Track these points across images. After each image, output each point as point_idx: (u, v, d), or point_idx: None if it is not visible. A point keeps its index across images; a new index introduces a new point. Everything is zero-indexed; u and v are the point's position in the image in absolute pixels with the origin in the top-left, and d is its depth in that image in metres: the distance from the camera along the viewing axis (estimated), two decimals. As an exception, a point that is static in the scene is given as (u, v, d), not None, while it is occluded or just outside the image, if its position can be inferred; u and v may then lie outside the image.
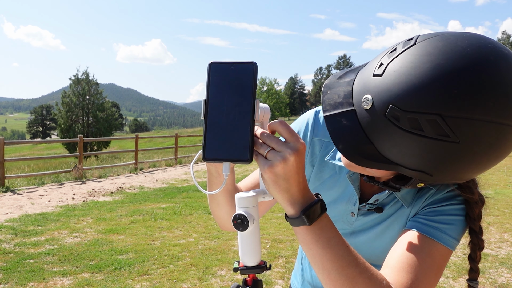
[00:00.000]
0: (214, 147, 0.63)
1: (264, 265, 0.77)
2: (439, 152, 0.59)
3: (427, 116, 0.57)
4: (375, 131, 0.62)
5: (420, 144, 0.59)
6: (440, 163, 0.60)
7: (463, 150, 0.58)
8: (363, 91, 0.64)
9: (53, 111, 48.05)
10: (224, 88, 0.64)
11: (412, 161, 0.62)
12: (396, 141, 0.61)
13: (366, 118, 0.63)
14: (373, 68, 0.65)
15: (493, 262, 3.98)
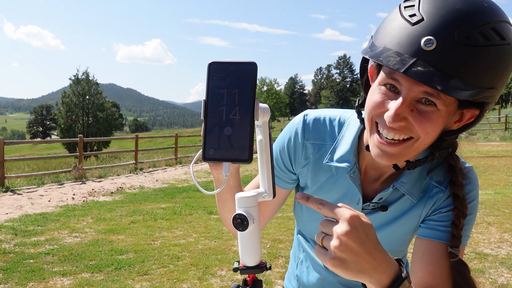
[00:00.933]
0: (214, 147, 0.63)
1: (264, 265, 0.77)
2: (502, 58, 0.63)
3: (487, 26, 0.62)
4: (451, 64, 0.61)
5: (490, 55, 0.62)
6: (502, 70, 0.64)
7: (511, 51, 0.64)
8: (414, 41, 0.63)
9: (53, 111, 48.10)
10: (224, 88, 0.64)
11: (487, 78, 0.63)
12: (472, 62, 0.61)
13: (437, 57, 0.61)
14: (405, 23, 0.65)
15: (493, 262, 3.98)
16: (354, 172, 0.85)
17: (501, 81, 0.65)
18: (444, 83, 0.60)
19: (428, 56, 0.61)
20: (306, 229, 0.98)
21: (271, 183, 0.78)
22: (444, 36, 0.61)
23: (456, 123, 0.72)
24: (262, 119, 0.71)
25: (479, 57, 0.61)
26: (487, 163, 11.55)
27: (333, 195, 0.88)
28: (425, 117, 0.67)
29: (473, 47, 0.61)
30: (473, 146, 18.08)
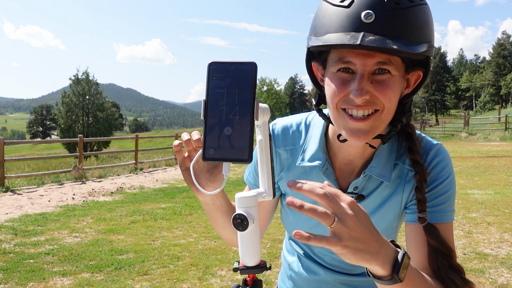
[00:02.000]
0: (214, 147, 0.63)
1: (264, 265, 0.77)
2: (426, 14, 0.71)
3: None
4: (393, 28, 0.67)
5: (419, 13, 0.70)
6: (431, 25, 0.72)
7: (429, 11, 0.73)
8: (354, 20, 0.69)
9: (53, 111, 48.10)
10: (223, 88, 0.64)
11: (425, 34, 0.71)
12: (409, 21, 0.68)
13: (379, 26, 0.67)
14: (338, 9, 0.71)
15: (493, 262, 3.98)
16: (327, 168, 0.87)
17: (433, 36, 0.72)
18: (397, 44, 0.66)
19: (371, 27, 0.67)
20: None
21: (271, 183, 0.78)
22: (378, 6, 0.68)
23: (406, 89, 0.78)
24: (262, 119, 0.71)
25: (411, 16, 0.68)
26: (487, 163, 11.55)
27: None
28: (384, 85, 0.71)
29: (404, 9, 0.68)
30: (473, 146, 18.07)
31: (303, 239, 0.55)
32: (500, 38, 76.33)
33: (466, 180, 8.84)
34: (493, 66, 72.64)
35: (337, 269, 0.98)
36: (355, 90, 0.70)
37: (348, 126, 0.75)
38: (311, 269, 1.01)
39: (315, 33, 0.74)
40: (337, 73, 0.73)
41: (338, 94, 0.73)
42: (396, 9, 0.67)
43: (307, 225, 0.93)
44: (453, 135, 25.29)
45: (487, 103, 56.19)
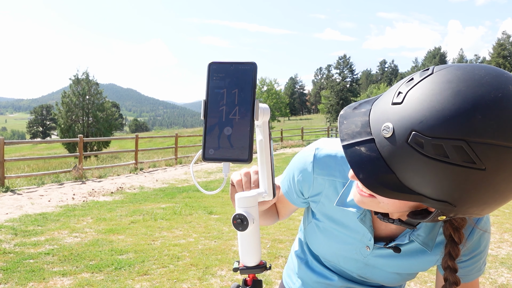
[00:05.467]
0: (214, 147, 0.63)
1: (264, 265, 0.77)
2: (465, 180, 0.56)
3: (452, 142, 0.54)
4: (396, 160, 0.59)
5: (446, 172, 0.56)
6: (465, 192, 0.57)
7: (488, 178, 0.55)
8: (382, 120, 0.62)
9: (53, 111, 48.06)
10: (223, 88, 0.64)
11: (436, 191, 0.58)
12: (419, 169, 0.57)
13: (387, 147, 0.60)
14: (391, 97, 0.63)
15: (493, 262, 3.98)
16: (365, 215, 0.85)
17: (461, 200, 0.58)
18: (372, 175, 0.60)
19: (382, 141, 0.61)
20: (320, 251, 0.99)
21: (271, 183, 0.78)
22: (402, 131, 0.59)
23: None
24: (262, 119, 0.71)
25: (427, 167, 0.57)
26: (487, 163, 11.57)
27: (345, 231, 0.90)
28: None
29: (423, 156, 0.57)
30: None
31: None
32: (500, 38, 76.31)
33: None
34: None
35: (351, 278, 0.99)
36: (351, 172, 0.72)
37: (354, 190, 0.77)
38: (323, 274, 1.02)
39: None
40: None
41: None
42: (414, 148, 0.58)
43: (337, 246, 0.94)
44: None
45: (487, 103, 56.17)
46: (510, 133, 0.54)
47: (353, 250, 0.91)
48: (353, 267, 0.95)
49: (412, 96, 0.60)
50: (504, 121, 0.54)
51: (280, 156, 15.93)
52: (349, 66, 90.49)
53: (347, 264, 0.95)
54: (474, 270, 0.87)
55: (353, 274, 0.98)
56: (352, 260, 0.93)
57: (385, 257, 0.89)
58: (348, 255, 0.93)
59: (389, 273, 0.92)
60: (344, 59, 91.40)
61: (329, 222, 0.91)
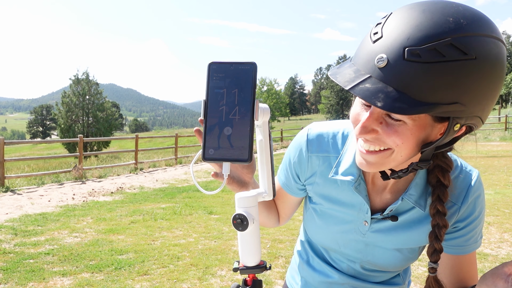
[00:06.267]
0: (213, 147, 0.63)
1: (264, 265, 0.77)
2: (464, 73, 0.61)
3: (442, 42, 0.61)
4: (401, 80, 0.62)
5: (447, 71, 0.61)
6: (467, 86, 0.62)
7: (480, 66, 0.62)
8: (371, 58, 0.66)
9: (53, 111, 48.05)
10: (223, 88, 0.64)
11: (445, 94, 0.62)
12: (425, 78, 0.61)
13: (388, 74, 0.63)
14: (369, 40, 0.68)
15: (493, 262, 3.98)
16: (360, 184, 0.87)
17: (467, 96, 0.63)
18: (388, 100, 0.62)
19: (380, 73, 0.63)
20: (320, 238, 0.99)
21: (271, 183, 0.78)
22: (395, 53, 0.62)
23: (439, 135, 0.72)
24: (262, 119, 0.71)
25: (431, 73, 0.61)
26: (487, 163, 11.55)
27: (342, 206, 0.92)
28: (392, 130, 0.69)
29: (424, 63, 0.61)
30: (473, 146, 18.05)
31: None
32: (500, 38, 76.34)
33: (466, 180, 8.84)
34: (493, 66, 72.67)
35: (352, 274, 0.99)
36: (359, 125, 0.71)
37: (358, 152, 0.77)
38: (324, 271, 1.02)
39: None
40: (358, 103, 0.75)
41: (354, 122, 0.74)
42: (413, 61, 0.61)
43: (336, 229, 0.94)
44: (453, 135, 25.25)
45: (487, 103, 56.13)
46: (483, 23, 0.64)
47: (352, 230, 0.91)
48: (354, 250, 0.94)
49: (389, 27, 0.66)
50: (475, 14, 0.64)
51: (280, 156, 15.93)
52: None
53: (347, 248, 0.94)
54: (471, 241, 0.88)
55: (356, 263, 0.97)
56: (352, 242, 0.93)
57: (384, 231, 0.89)
58: (347, 237, 0.93)
59: (390, 251, 0.91)
60: (344, 59, 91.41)
61: (326, 202, 0.93)
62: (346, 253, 0.96)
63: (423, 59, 0.61)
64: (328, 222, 0.94)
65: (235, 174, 0.81)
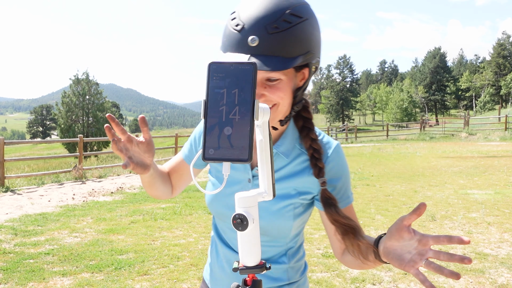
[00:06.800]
0: (213, 147, 0.63)
1: (264, 265, 0.77)
2: (305, 30, 0.86)
3: (287, 11, 0.85)
4: (272, 48, 0.83)
5: (296, 32, 0.85)
6: (310, 38, 0.88)
7: (312, 23, 0.89)
8: (244, 43, 0.84)
9: (53, 111, 48.06)
10: (223, 88, 0.64)
11: (301, 48, 0.86)
12: (285, 41, 0.84)
13: (261, 48, 0.83)
14: (234, 32, 0.86)
15: (493, 262, 3.98)
16: None
17: (312, 44, 0.88)
18: (272, 64, 0.82)
19: (257, 49, 0.83)
20: (213, 205, 1.10)
21: (271, 183, 0.78)
22: (261, 32, 0.83)
23: (301, 81, 0.95)
24: (262, 119, 0.71)
25: (289, 36, 0.84)
26: (487, 163, 11.55)
27: (233, 169, 1.05)
28: (275, 88, 0.89)
29: (282, 31, 0.83)
30: (473, 146, 18.07)
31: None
32: (500, 38, 76.32)
33: (466, 180, 8.84)
34: (493, 66, 72.63)
35: None
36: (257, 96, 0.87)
37: None
38: (227, 256, 1.10)
39: (221, 47, 0.90)
40: None
41: None
42: (275, 32, 0.82)
43: (227, 191, 1.04)
44: (453, 135, 25.29)
45: (487, 103, 56.19)
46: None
47: (240, 189, 1.02)
48: None
49: (245, 16, 0.85)
50: None
51: (280, 156, 15.92)
52: (349, 66, 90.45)
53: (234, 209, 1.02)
54: (345, 195, 1.03)
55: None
56: None
57: None
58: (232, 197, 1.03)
59: (271, 212, 1.00)
60: (344, 59, 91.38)
61: (220, 167, 1.08)
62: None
63: (280, 29, 0.83)
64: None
65: (138, 159, 0.93)
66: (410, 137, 25.62)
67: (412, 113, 65.66)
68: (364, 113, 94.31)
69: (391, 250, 0.83)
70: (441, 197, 7.08)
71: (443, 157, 13.67)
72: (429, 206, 6.33)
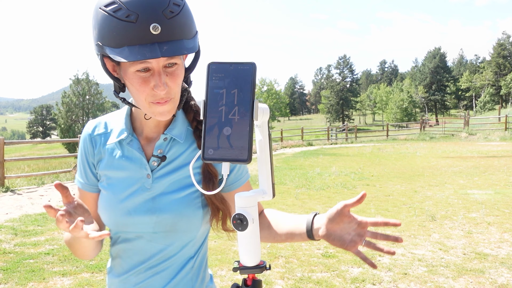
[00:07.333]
0: (213, 147, 0.63)
1: (264, 265, 0.77)
2: (188, 12, 0.87)
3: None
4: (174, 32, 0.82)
5: (186, 13, 0.85)
6: (192, 18, 0.89)
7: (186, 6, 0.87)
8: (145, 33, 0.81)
9: (53, 111, 48.05)
10: (223, 88, 0.64)
11: (193, 27, 0.88)
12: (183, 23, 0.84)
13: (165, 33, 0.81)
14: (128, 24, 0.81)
15: (493, 262, 3.98)
16: (131, 140, 0.99)
17: (194, 25, 0.89)
18: (180, 48, 0.82)
19: (161, 36, 0.81)
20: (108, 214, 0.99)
21: (271, 183, 0.78)
22: (159, 18, 0.80)
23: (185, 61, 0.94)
24: (262, 119, 0.71)
25: (184, 18, 0.83)
26: (487, 163, 11.55)
27: (126, 171, 0.99)
28: (175, 75, 0.87)
29: (177, 15, 0.82)
30: (473, 146, 18.07)
31: None
32: (500, 38, 76.30)
33: (466, 180, 8.84)
34: (493, 66, 72.61)
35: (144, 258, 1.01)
36: (158, 85, 0.84)
37: (157, 111, 0.89)
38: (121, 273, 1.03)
39: (109, 43, 0.82)
40: (136, 73, 0.85)
41: (144, 91, 0.86)
42: (172, 17, 0.81)
43: (124, 194, 0.98)
44: (453, 135, 25.28)
45: (487, 103, 56.19)
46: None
47: (139, 189, 0.97)
48: (144, 211, 0.96)
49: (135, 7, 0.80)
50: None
51: (280, 156, 15.93)
52: (349, 66, 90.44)
53: (138, 212, 0.96)
54: (243, 172, 1.04)
55: (148, 229, 0.97)
56: (141, 203, 0.96)
57: (164, 176, 0.98)
58: (136, 199, 0.96)
59: (178, 201, 0.96)
60: (344, 59, 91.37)
61: (112, 170, 1.00)
62: (137, 221, 0.96)
63: (175, 12, 0.81)
64: (116, 191, 0.98)
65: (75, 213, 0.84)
66: (410, 137, 25.61)
67: (412, 113, 65.67)
68: (364, 113, 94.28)
69: (331, 232, 0.89)
70: (441, 197, 7.08)
71: (443, 157, 13.66)
72: (429, 206, 6.33)
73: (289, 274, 3.73)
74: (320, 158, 14.63)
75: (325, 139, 26.32)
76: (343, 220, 0.87)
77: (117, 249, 1.03)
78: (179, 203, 0.96)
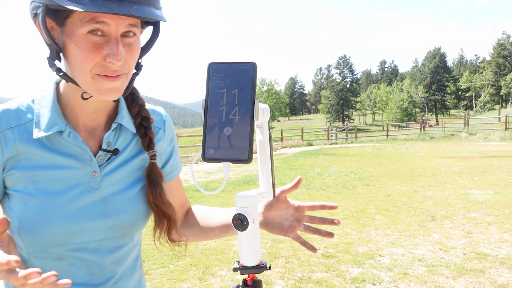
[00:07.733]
0: (213, 147, 0.63)
1: (264, 265, 0.77)
2: None
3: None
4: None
5: None
6: None
7: None
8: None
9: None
10: (223, 88, 0.64)
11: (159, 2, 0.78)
12: None
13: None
14: None
15: (493, 262, 3.98)
16: (70, 132, 0.79)
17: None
18: (151, 11, 0.71)
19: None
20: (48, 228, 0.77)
21: (271, 183, 0.78)
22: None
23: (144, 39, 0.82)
24: (262, 119, 0.71)
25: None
26: (487, 163, 11.55)
27: (64, 171, 0.79)
28: (132, 48, 0.75)
29: None
30: (473, 146, 18.07)
31: None
32: (500, 38, 76.35)
33: (466, 180, 8.84)
34: (493, 66, 72.67)
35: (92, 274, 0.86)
36: (114, 54, 0.70)
37: (103, 87, 0.74)
38: None
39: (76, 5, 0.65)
40: (87, 35, 0.69)
41: (93, 59, 0.70)
42: None
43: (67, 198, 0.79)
44: (453, 135, 25.28)
45: (487, 103, 56.24)
46: None
47: (85, 191, 0.80)
48: (95, 215, 0.81)
49: None
50: None
51: (280, 156, 15.93)
52: (349, 66, 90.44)
53: (88, 218, 0.80)
54: (179, 162, 0.99)
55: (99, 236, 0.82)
56: (90, 206, 0.80)
57: (114, 171, 0.84)
58: (82, 203, 0.80)
59: (132, 199, 0.85)
60: (344, 59, 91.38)
61: (42, 171, 0.78)
62: (87, 228, 0.80)
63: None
64: (51, 196, 0.78)
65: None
66: (410, 137, 25.62)
67: (412, 113, 65.69)
68: (364, 113, 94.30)
69: (270, 220, 0.88)
70: (441, 197, 7.08)
71: (443, 157, 13.66)
72: (429, 206, 6.33)
73: (289, 274, 3.73)
74: (320, 158, 14.63)
75: (325, 139, 26.33)
76: (280, 207, 0.87)
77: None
78: (135, 202, 0.86)
